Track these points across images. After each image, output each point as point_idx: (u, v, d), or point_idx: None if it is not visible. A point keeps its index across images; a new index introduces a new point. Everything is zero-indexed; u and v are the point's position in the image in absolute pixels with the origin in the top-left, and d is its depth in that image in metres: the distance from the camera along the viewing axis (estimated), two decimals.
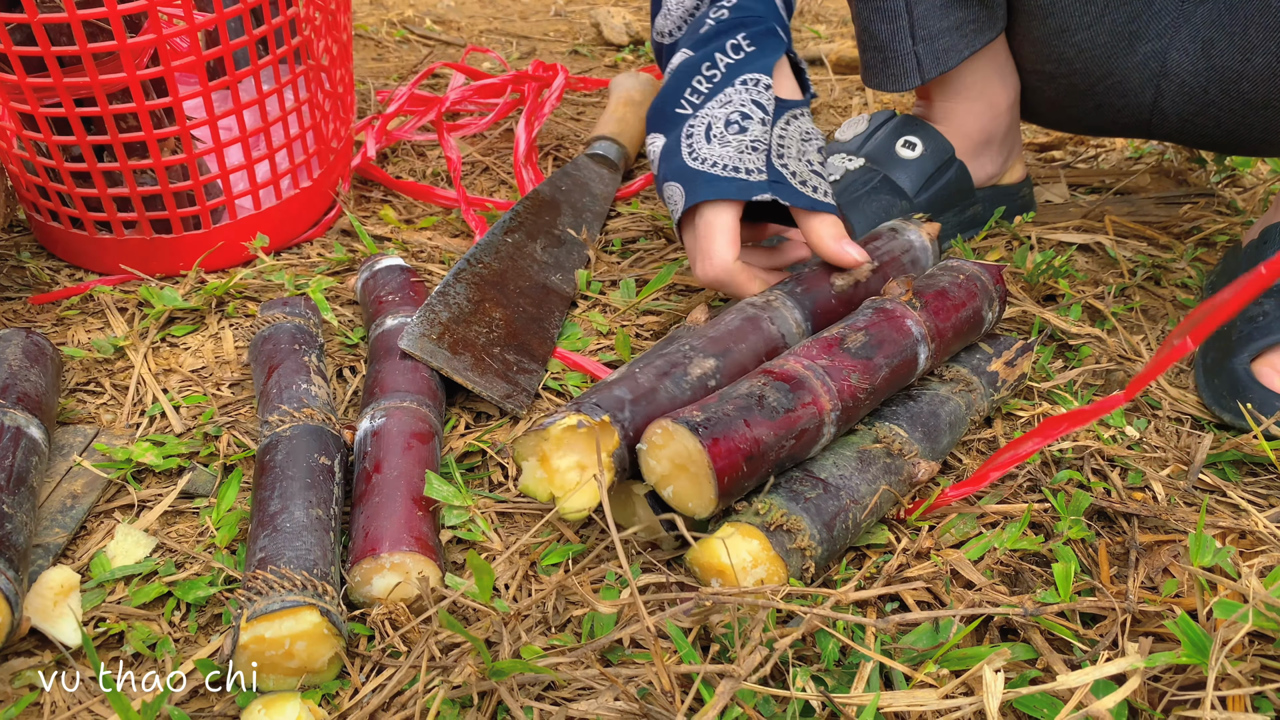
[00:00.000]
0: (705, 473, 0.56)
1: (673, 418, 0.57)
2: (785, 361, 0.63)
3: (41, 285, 0.90)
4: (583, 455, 0.59)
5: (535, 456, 0.60)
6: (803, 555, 0.57)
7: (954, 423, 0.68)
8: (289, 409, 0.66)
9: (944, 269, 0.74)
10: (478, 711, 0.52)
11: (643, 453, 0.58)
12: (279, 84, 0.88)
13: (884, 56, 0.91)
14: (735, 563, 0.56)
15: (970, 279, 0.72)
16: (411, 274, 0.84)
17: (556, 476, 0.59)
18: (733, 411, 0.58)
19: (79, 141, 0.81)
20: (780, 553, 0.56)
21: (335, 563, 0.58)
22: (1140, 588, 0.60)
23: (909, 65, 0.90)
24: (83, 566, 0.62)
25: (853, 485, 0.61)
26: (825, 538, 0.58)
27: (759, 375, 0.61)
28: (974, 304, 0.71)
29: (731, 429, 0.57)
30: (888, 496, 0.62)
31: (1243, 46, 0.78)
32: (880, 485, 0.62)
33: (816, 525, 0.58)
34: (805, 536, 0.57)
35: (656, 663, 0.49)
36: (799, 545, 0.57)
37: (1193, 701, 0.52)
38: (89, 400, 0.76)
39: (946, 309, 0.69)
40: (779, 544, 0.57)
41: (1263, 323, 0.76)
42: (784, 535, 0.57)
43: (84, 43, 0.75)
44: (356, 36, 1.63)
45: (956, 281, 0.72)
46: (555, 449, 0.59)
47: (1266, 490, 0.70)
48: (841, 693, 0.52)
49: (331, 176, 1.01)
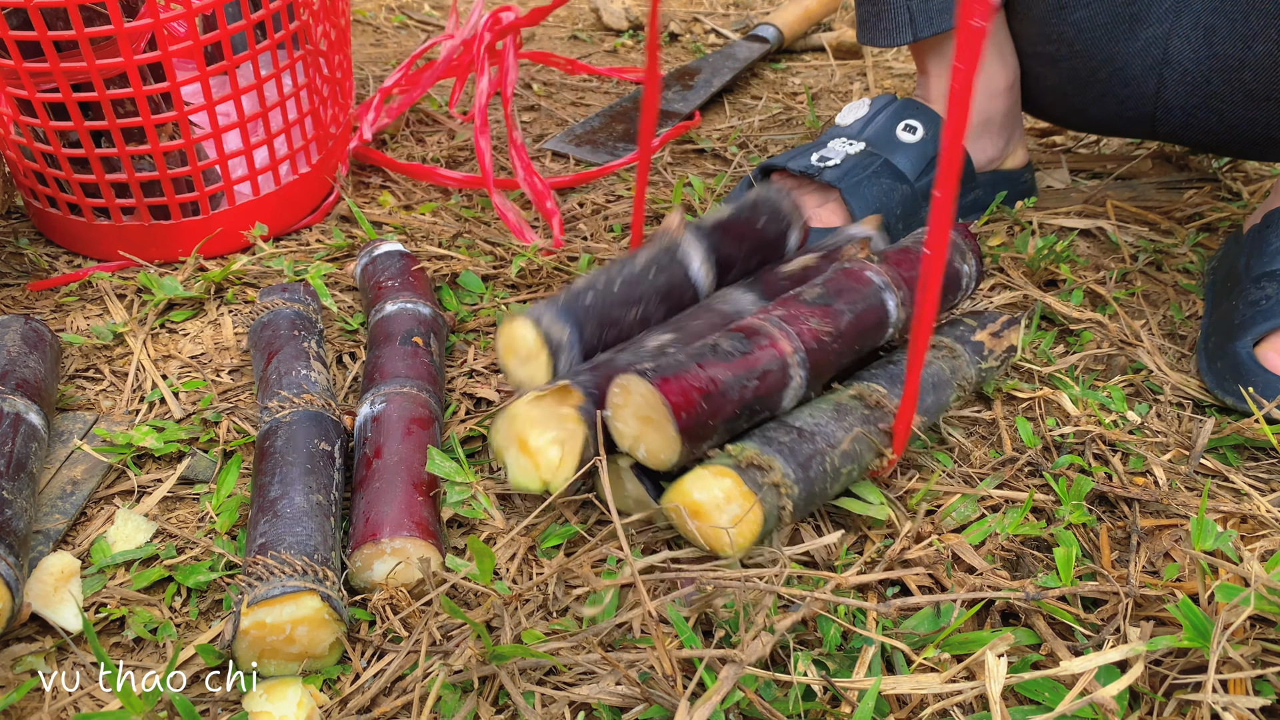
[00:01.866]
0: (663, 413, 0.56)
1: (623, 370, 0.58)
2: (740, 320, 0.64)
3: (40, 271, 0.90)
4: (558, 429, 0.59)
5: (514, 446, 0.60)
6: (777, 492, 0.57)
7: (938, 384, 0.68)
8: (289, 395, 0.66)
9: (908, 236, 0.75)
10: (478, 696, 0.52)
11: (610, 419, 0.59)
12: (277, 69, 0.88)
13: (877, 9, 0.91)
14: (706, 500, 0.56)
15: None
16: (411, 259, 0.83)
17: (540, 459, 0.59)
18: (684, 359, 0.59)
19: (76, 127, 0.81)
20: (753, 488, 0.56)
21: (336, 548, 0.58)
22: (1141, 572, 0.60)
23: (901, 19, 0.90)
24: (83, 552, 0.62)
25: (828, 431, 0.61)
26: (801, 477, 0.58)
27: (714, 332, 0.63)
28: None
29: (683, 370, 0.57)
30: (864, 442, 0.62)
31: (1243, 34, 0.78)
32: (857, 430, 0.62)
33: (791, 465, 0.58)
34: (779, 474, 0.57)
35: (658, 647, 0.49)
36: (772, 481, 0.57)
37: (1194, 685, 0.52)
38: (88, 387, 0.76)
39: (910, 260, 0.69)
40: (751, 480, 0.56)
41: (1265, 306, 0.75)
42: (756, 472, 0.57)
43: (81, 27, 0.75)
44: (355, 22, 1.63)
45: (918, 239, 0.72)
46: (529, 428, 0.59)
47: (1268, 474, 0.70)
48: (843, 677, 0.52)
49: (330, 162, 1.00)
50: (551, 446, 0.59)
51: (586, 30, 1.66)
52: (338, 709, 0.52)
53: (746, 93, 1.37)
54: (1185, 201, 1.04)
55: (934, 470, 0.68)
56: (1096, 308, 0.87)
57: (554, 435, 0.60)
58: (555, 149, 1.17)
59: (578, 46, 1.59)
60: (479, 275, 0.88)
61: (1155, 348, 0.82)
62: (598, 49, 1.58)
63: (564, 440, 0.59)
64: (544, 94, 1.34)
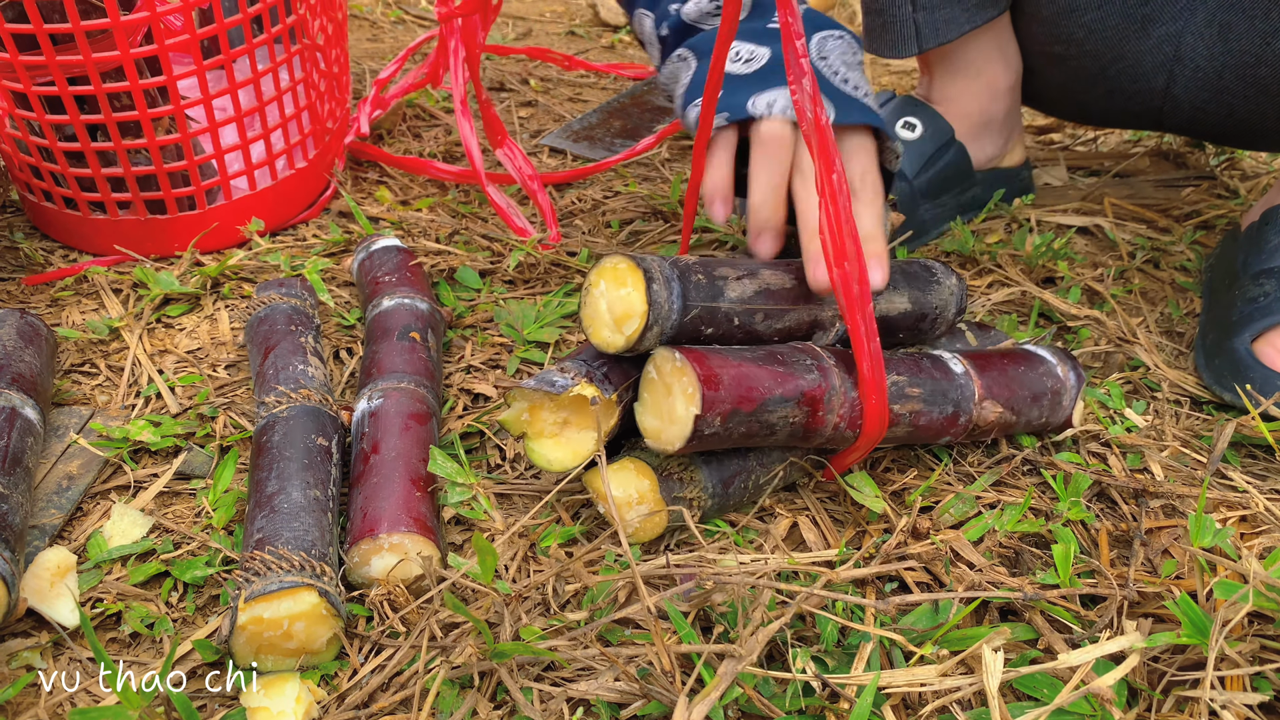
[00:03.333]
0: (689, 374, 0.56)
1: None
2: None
3: (35, 266, 0.89)
4: (571, 413, 0.61)
5: (527, 402, 0.61)
6: (689, 505, 0.60)
7: None
8: (286, 390, 0.66)
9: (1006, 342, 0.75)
10: (477, 692, 0.52)
11: (639, 408, 0.60)
12: (274, 63, 0.87)
13: (884, 21, 0.91)
14: (621, 495, 0.59)
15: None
16: (408, 254, 0.83)
17: (536, 422, 0.61)
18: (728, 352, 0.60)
19: (72, 120, 0.80)
20: (666, 498, 0.60)
21: (333, 543, 0.58)
22: (1140, 569, 0.60)
23: (908, 32, 0.90)
24: (79, 547, 0.61)
25: (768, 456, 0.63)
26: (718, 492, 0.61)
27: None
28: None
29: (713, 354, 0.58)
30: (796, 467, 0.64)
31: (1263, 30, 0.77)
32: (790, 459, 0.64)
33: (713, 480, 0.61)
34: (697, 489, 0.60)
35: (657, 643, 0.49)
36: (687, 495, 0.60)
37: (1192, 682, 0.52)
38: (84, 381, 0.76)
39: (1004, 377, 0.68)
40: (667, 491, 0.60)
41: (1264, 303, 0.75)
42: (675, 483, 0.60)
43: (77, 20, 0.74)
44: (351, 17, 1.62)
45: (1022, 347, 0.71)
46: (552, 404, 0.60)
47: (1266, 471, 0.70)
48: (842, 673, 0.52)
49: (327, 157, 1.00)
50: (554, 425, 0.61)
51: (584, 26, 1.66)
52: (335, 705, 0.52)
53: None
54: (1183, 199, 1.04)
55: (932, 469, 0.68)
56: (1094, 305, 0.87)
57: (564, 417, 0.61)
58: (552, 145, 1.17)
59: (575, 42, 1.58)
60: (476, 270, 0.88)
61: (1153, 345, 0.82)
62: (595, 45, 1.58)
63: (568, 424, 0.61)
64: (541, 90, 1.34)
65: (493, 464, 0.69)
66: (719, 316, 0.61)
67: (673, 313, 0.58)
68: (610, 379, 0.61)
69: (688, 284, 0.59)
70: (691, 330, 0.60)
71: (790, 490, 0.67)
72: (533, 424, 0.61)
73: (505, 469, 0.69)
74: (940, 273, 0.72)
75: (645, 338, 0.58)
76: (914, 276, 0.71)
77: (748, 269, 0.63)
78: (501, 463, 0.69)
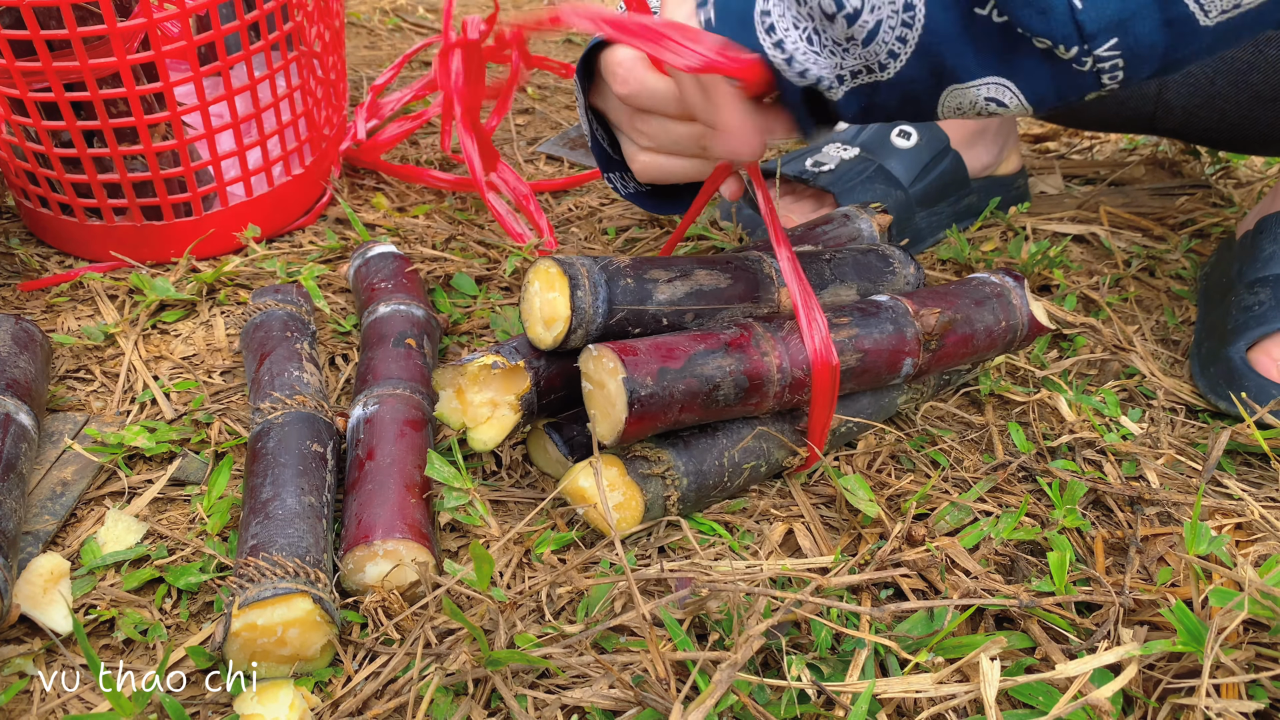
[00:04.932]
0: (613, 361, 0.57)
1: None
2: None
3: (30, 272, 0.89)
4: (495, 393, 0.63)
5: (452, 388, 0.62)
6: (663, 482, 0.61)
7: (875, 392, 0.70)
8: (281, 396, 0.66)
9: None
10: (472, 699, 0.52)
11: (586, 397, 0.61)
12: (271, 70, 0.87)
13: None
14: (592, 490, 0.60)
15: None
16: (404, 261, 0.83)
17: (469, 409, 0.63)
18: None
19: (69, 126, 0.80)
20: (635, 479, 0.61)
21: (328, 550, 0.57)
22: (1135, 576, 0.60)
23: None
24: (73, 553, 0.61)
25: (732, 426, 0.64)
26: (691, 469, 0.62)
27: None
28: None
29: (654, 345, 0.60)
30: (771, 440, 0.64)
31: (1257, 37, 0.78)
32: (760, 428, 0.64)
33: (682, 459, 0.62)
34: (665, 465, 0.61)
35: (652, 650, 0.49)
36: (655, 472, 0.61)
37: (1187, 690, 0.51)
38: (79, 387, 0.76)
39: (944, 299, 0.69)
40: (634, 471, 0.61)
41: (1259, 311, 0.76)
42: (641, 463, 0.62)
43: (74, 26, 0.74)
44: (349, 24, 1.62)
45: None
46: (471, 384, 0.62)
47: (1261, 480, 0.70)
48: (837, 680, 0.52)
49: (324, 164, 1.00)
50: (484, 406, 0.63)
51: (581, 34, 1.66)
52: (329, 711, 0.52)
53: None
54: (1178, 207, 1.04)
55: (928, 475, 0.68)
56: (1090, 313, 0.87)
57: (490, 397, 0.63)
58: (549, 152, 1.17)
59: (572, 50, 1.59)
60: (472, 277, 0.88)
61: (1148, 353, 0.82)
62: None
63: (496, 404, 0.63)
64: (538, 97, 1.34)
65: (488, 471, 0.69)
66: (646, 318, 0.63)
67: (596, 316, 0.61)
68: (520, 350, 0.63)
69: (615, 288, 0.61)
70: (618, 331, 0.62)
71: (785, 496, 0.67)
72: (466, 412, 0.63)
73: (500, 475, 0.69)
74: (898, 261, 0.72)
75: (570, 339, 0.61)
76: (866, 267, 0.71)
77: (681, 270, 0.64)
78: (496, 469, 0.69)
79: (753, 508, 0.65)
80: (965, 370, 0.73)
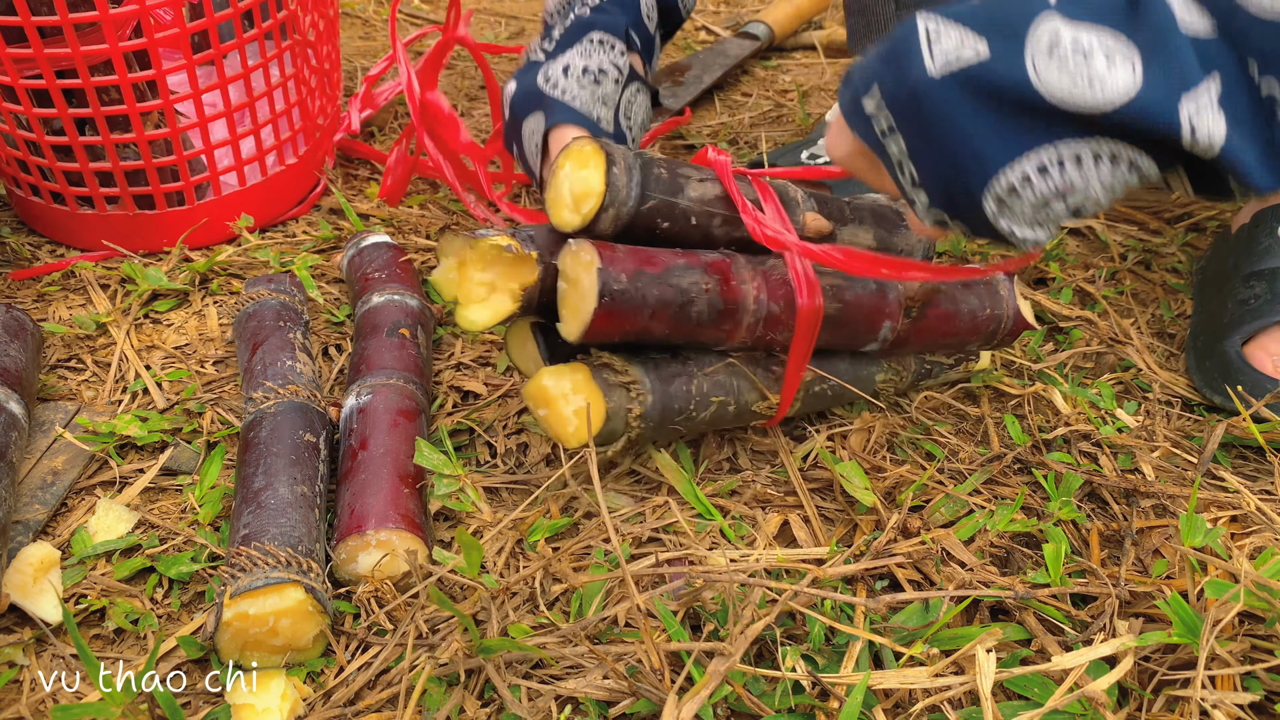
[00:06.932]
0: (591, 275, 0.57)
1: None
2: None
3: (22, 261, 0.89)
4: (497, 276, 0.61)
5: (455, 259, 0.61)
6: (627, 393, 0.60)
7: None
8: (274, 386, 0.65)
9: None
10: (465, 689, 0.51)
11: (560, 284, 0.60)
12: (264, 59, 0.87)
13: (866, 21, 0.91)
14: (554, 388, 0.60)
15: None
16: (398, 251, 0.83)
17: (466, 284, 0.61)
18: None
19: (60, 114, 0.80)
20: (600, 385, 0.60)
21: (320, 540, 0.57)
22: (1131, 568, 0.60)
23: None
24: (63, 542, 0.61)
25: (704, 358, 0.63)
26: (657, 389, 0.61)
27: None
28: None
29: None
30: (742, 377, 0.64)
31: None
32: (730, 359, 0.64)
33: (650, 376, 0.61)
34: (631, 378, 0.60)
35: (646, 641, 0.49)
36: (621, 381, 0.60)
37: (1183, 681, 0.51)
38: (70, 377, 0.75)
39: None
40: (600, 378, 0.60)
41: (1254, 305, 0.75)
42: (609, 372, 0.61)
43: (65, 13, 0.74)
44: (343, 15, 1.61)
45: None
46: (476, 260, 0.61)
47: (1256, 473, 0.70)
48: (832, 671, 0.52)
49: (317, 153, 0.99)
50: (481, 286, 0.61)
51: None
52: (321, 702, 0.52)
53: (737, 90, 1.36)
54: (1174, 201, 1.04)
55: (924, 467, 0.68)
56: (1086, 306, 0.87)
57: (491, 278, 0.61)
58: None
59: None
60: None
61: (1144, 346, 0.82)
62: None
63: (495, 288, 0.61)
64: None
65: (481, 460, 0.69)
66: (677, 212, 0.62)
67: (630, 198, 0.59)
68: (535, 241, 0.62)
69: (649, 175, 0.60)
70: (648, 220, 0.61)
71: (781, 483, 0.66)
72: (462, 286, 0.61)
73: (495, 464, 0.68)
74: None
75: (600, 219, 0.59)
76: (883, 218, 0.71)
77: (711, 175, 0.64)
78: (491, 458, 0.69)
79: (746, 491, 0.65)
80: (948, 365, 0.73)
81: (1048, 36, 0.43)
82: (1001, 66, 0.43)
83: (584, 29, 0.77)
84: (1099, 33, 0.43)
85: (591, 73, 0.75)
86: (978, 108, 0.44)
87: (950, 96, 0.45)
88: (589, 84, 0.75)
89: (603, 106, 0.75)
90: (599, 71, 0.75)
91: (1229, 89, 0.42)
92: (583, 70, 0.75)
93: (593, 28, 0.77)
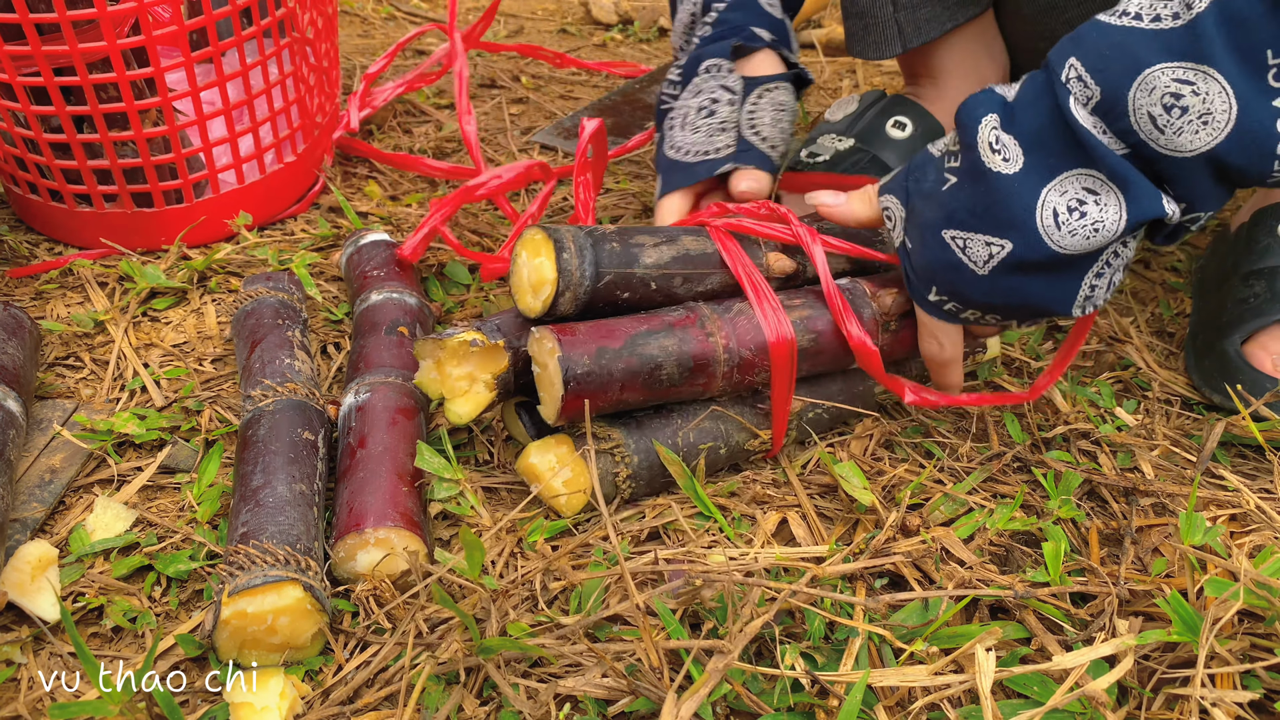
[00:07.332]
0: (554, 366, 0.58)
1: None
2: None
3: (20, 259, 0.88)
4: (474, 368, 0.63)
5: (432, 359, 0.63)
6: (611, 458, 0.61)
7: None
8: (272, 384, 0.65)
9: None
10: (464, 688, 0.51)
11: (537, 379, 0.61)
12: (263, 56, 0.87)
13: (865, 23, 0.91)
14: (540, 464, 0.62)
15: None
16: (397, 249, 0.83)
17: (448, 381, 0.63)
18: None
19: (58, 111, 0.80)
20: (584, 455, 0.61)
21: (319, 538, 0.57)
22: (1130, 567, 0.60)
23: (890, 32, 0.90)
24: (61, 541, 0.61)
25: (692, 409, 0.64)
26: (642, 446, 0.62)
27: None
28: None
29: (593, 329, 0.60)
30: (729, 421, 0.64)
31: None
32: (713, 408, 0.64)
33: (633, 437, 0.62)
34: (614, 443, 0.61)
35: (645, 639, 0.49)
36: (603, 447, 0.61)
37: (1182, 680, 0.51)
38: (68, 375, 0.75)
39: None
40: (583, 448, 0.61)
41: (1254, 304, 0.75)
42: (592, 440, 0.61)
43: (63, 10, 0.74)
44: (342, 13, 1.61)
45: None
46: (450, 358, 0.62)
47: (1255, 471, 0.70)
48: (830, 669, 0.51)
49: (316, 152, 0.99)
50: (462, 380, 0.63)
51: (575, 24, 1.65)
52: (320, 700, 0.52)
53: None
54: None
55: (923, 465, 0.68)
56: None
57: (469, 371, 0.63)
58: (543, 142, 1.17)
59: (566, 40, 1.58)
60: (465, 266, 0.87)
61: (1143, 344, 0.82)
62: (586, 43, 1.57)
63: (474, 379, 0.63)
64: (532, 87, 1.33)
65: (481, 460, 0.69)
66: (634, 281, 0.63)
67: (585, 279, 0.61)
68: (502, 330, 0.63)
69: (601, 251, 0.62)
70: (607, 295, 0.62)
71: (782, 485, 0.66)
72: (444, 383, 0.63)
73: (494, 464, 0.68)
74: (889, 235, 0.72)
75: (559, 302, 0.61)
76: (853, 236, 0.71)
77: (667, 236, 0.65)
78: (490, 458, 0.69)
79: (746, 492, 0.65)
80: None
81: (1050, 217, 0.56)
82: (1028, 252, 0.57)
83: (695, 63, 0.81)
84: (1081, 179, 0.56)
85: (706, 109, 0.80)
86: (1028, 275, 0.59)
87: (1001, 282, 0.60)
88: (703, 119, 0.79)
89: (721, 134, 0.79)
90: (711, 102, 0.80)
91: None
92: (697, 109, 0.80)
93: (701, 60, 0.81)
